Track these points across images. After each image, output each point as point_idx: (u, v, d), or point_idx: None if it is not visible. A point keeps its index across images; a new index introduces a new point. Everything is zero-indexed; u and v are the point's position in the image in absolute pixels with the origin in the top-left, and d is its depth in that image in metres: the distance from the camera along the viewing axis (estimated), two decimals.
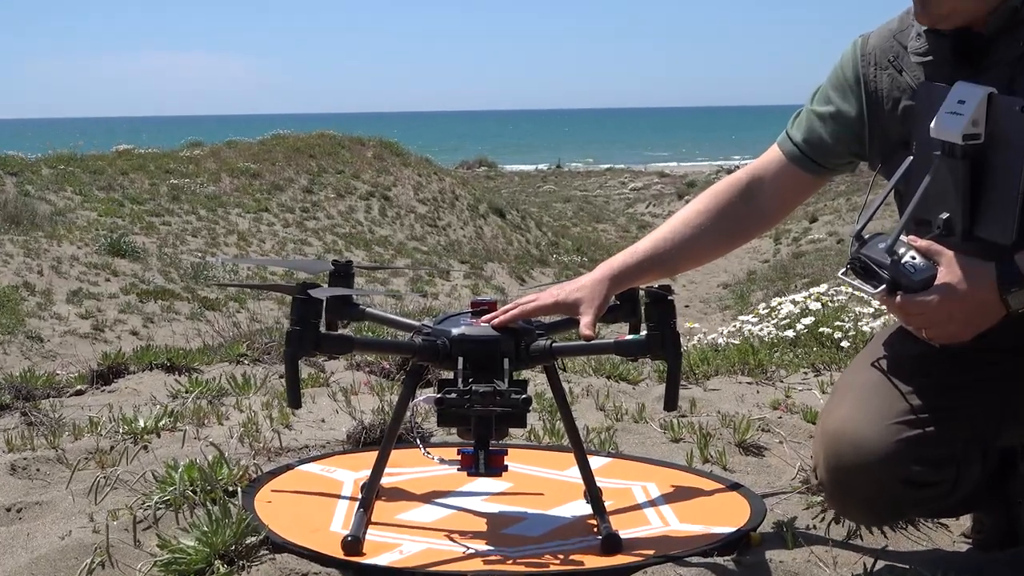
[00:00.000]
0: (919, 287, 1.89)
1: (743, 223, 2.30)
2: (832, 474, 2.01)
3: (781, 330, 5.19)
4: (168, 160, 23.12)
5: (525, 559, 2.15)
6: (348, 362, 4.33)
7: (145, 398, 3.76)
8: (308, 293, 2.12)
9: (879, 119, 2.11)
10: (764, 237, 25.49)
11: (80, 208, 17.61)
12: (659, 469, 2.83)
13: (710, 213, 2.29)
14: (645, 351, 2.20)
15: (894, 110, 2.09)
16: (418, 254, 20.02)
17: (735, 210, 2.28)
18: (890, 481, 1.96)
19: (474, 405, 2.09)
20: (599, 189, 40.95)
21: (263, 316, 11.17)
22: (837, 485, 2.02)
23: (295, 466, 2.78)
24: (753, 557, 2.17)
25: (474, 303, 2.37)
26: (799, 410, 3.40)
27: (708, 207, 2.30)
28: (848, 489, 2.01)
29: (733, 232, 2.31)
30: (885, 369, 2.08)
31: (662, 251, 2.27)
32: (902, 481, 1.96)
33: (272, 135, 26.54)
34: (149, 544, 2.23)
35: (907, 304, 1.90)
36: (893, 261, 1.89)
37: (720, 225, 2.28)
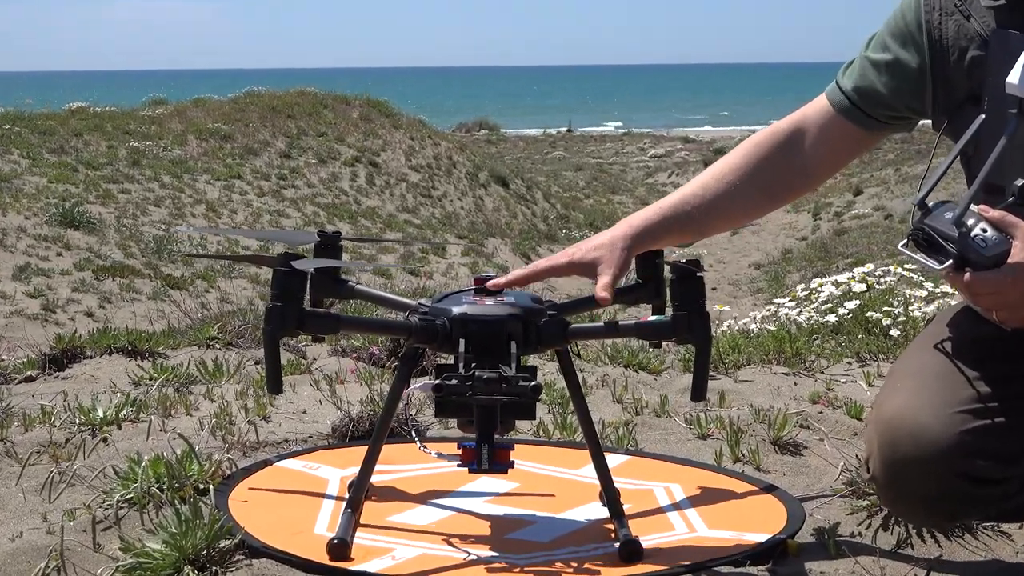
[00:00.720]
0: (990, 263, 1.88)
1: (783, 180, 2.29)
2: (887, 467, 2.02)
3: (822, 315, 5.19)
4: (127, 120, 23.13)
5: (533, 567, 2.16)
6: (333, 347, 4.34)
7: (104, 385, 3.77)
8: (291, 265, 2.12)
9: (943, 71, 2.11)
10: (801, 211, 25.50)
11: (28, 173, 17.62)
12: (684, 469, 2.84)
13: (746, 168, 2.28)
14: (670, 334, 2.21)
15: (960, 61, 2.08)
16: (410, 228, 20.02)
17: (774, 165, 2.27)
18: (951, 476, 1.96)
19: (477, 393, 2.10)
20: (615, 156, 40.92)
21: (235, 296, 11.17)
22: (892, 479, 2.02)
23: (274, 462, 2.79)
24: (790, 567, 2.18)
25: (477, 280, 2.37)
26: (842, 404, 3.41)
27: (744, 161, 2.29)
28: (904, 484, 2.01)
29: (771, 190, 2.30)
30: (949, 352, 2.08)
31: (690, 208, 2.27)
32: (964, 477, 1.97)
33: (245, 92, 26.53)
34: (110, 547, 2.24)
35: (976, 282, 1.89)
36: (961, 234, 1.89)
37: (757, 181, 2.27)
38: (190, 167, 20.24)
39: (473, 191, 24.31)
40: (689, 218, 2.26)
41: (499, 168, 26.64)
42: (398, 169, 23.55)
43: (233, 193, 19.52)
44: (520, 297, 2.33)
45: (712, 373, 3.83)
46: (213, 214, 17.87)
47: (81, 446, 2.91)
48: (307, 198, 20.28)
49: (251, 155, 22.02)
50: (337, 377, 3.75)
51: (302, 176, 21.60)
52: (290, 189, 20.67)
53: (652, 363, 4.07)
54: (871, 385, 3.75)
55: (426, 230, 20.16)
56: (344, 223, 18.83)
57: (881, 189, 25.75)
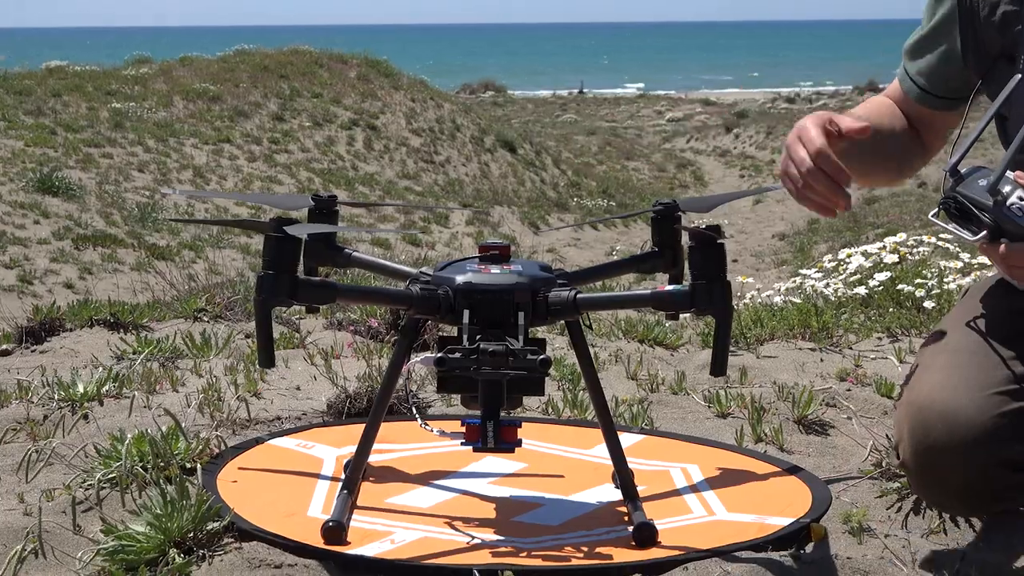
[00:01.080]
0: None
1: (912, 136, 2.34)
2: (918, 453, 2.02)
3: (850, 287, 5.19)
4: (109, 80, 23.10)
5: (541, 551, 2.16)
6: (328, 319, 4.35)
7: (85, 359, 3.78)
8: (284, 230, 2.12)
9: (973, 27, 2.10)
10: None
11: (3, 136, 17.62)
12: (702, 449, 2.84)
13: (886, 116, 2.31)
14: (689, 304, 2.20)
15: (991, 16, 2.07)
16: (411, 195, 20.02)
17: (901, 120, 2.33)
18: (987, 462, 1.96)
19: (482, 367, 2.10)
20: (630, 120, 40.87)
21: (224, 267, 11.18)
22: (924, 466, 2.02)
23: (265, 440, 2.80)
24: (815, 553, 2.18)
25: (483, 247, 2.37)
26: (871, 381, 3.41)
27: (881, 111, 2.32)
28: (936, 471, 2.01)
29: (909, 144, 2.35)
30: (982, 330, 2.07)
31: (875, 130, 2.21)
32: (1001, 463, 1.96)
33: (235, 51, 26.49)
34: (91, 529, 2.25)
35: (1013, 254, 1.88)
36: (996, 202, 1.88)
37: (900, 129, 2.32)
38: (176, 130, 20.23)
39: (478, 156, 24.29)
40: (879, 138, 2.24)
41: (506, 132, 26.60)
42: (398, 133, 23.53)
43: (222, 158, 19.51)
44: (528, 266, 2.33)
45: (733, 348, 3.84)
46: (201, 180, 17.88)
47: (60, 423, 2.92)
48: (301, 163, 20.27)
49: (241, 117, 22.00)
50: (333, 351, 3.76)
51: (296, 140, 21.58)
52: (283, 154, 20.66)
53: (669, 337, 4.07)
54: (902, 361, 3.74)
55: (428, 198, 20.15)
56: (341, 190, 18.83)
57: None
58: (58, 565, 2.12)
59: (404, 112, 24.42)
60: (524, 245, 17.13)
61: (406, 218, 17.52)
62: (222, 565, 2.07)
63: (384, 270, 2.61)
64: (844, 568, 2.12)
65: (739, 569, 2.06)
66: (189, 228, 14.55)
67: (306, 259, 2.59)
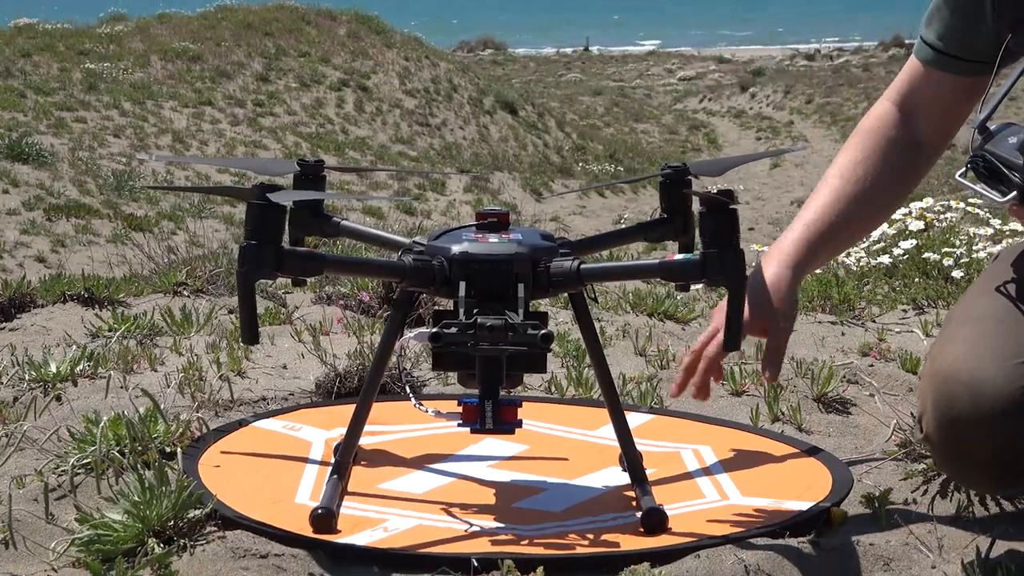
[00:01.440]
0: None
1: (911, 158, 2.37)
2: (942, 426, 2.02)
3: (873, 256, 5.19)
4: (82, 39, 23.07)
5: (544, 539, 2.17)
6: (316, 293, 4.35)
7: (57, 337, 3.78)
8: (268, 198, 2.12)
9: None
10: None
11: None
12: (715, 429, 2.84)
13: (871, 156, 2.39)
14: (699, 275, 2.20)
15: None
16: (405, 161, 20.00)
17: (898, 144, 2.36)
18: (1015, 434, 1.96)
19: (480, 343, 2.10)
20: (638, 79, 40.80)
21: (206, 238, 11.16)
22: (948, 439, 2.03)
23: (250, 422, 2.80)
24: (835, 539, 2.18)
25: (480, 215, 2.37)
26: (895, 356, 3.41)
27: (865, 151, 2.38)
28: (961, 444, 2.02)
29: (903, 172, 2.38)
30: (1012, 295, 2.07)
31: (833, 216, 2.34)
32: None
33: (217, 6, 26.46)
34: (65, 518, 2.25)
35: None
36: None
37: (887, 166, 2.35)
38: (154, 92, 20.21)
39: (477, 119, 24.25)
40: (835, 232, 2.35)
41: (506, 93, 26.56)
42: (391, 94, 23.49)
43: (203, 122, 19.49)
44: (529, 234, 2.32)
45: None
46: (180, 145, 17.86)
47: (31, 405, 2.92)
48: (287, 127, 20.26)
49: (223, 78, 21.96)
50: (321, 327, 3.76)
51: (281, 102, 21.55)
52: (268, 117, 20.64)
53: (679, 311, 4.07)
54: (928, 335, 3.75)
55: (423, 163, 20.13)
56: (330, 155, 18.82)
57: None
58: (30, 556, 2.13)
59: (397, 72, 24.37)
60: (526, 213, 17.13)
61: (400, 185, 17.51)
62: (204, 555, 2.07)
63: (375, 240, 2.61)
64: (866, 555, 2.13)
65: (754, 556, 2.07)
66: (168, 197, 14.55)
67: (292, 229, 2.58)
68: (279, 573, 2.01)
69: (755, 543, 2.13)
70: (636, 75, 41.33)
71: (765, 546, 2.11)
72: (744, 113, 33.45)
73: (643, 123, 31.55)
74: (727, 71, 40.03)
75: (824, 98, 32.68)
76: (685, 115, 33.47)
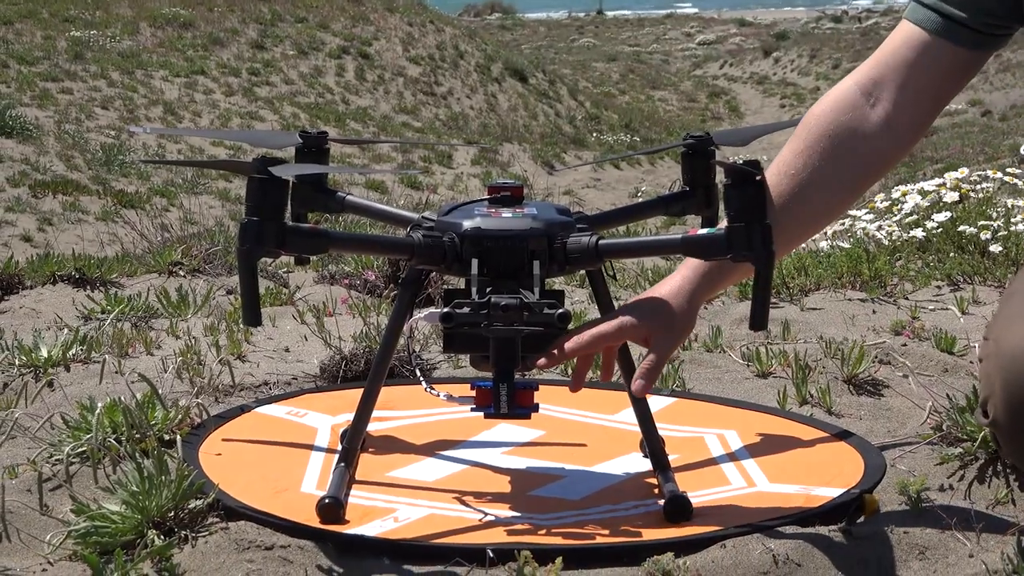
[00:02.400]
0: None
1: (871, 151, 2.23)
2: (1013, 410, 2.00)
3: (906, 230, 5.19)
4: (67, 4, 23.04)
5: (562, 528, 2.17)
6: (319, 272, 4.36)
7: (48, 320, 3.80)
8: (270, 171, 2.12)
9: None
10: None
11: None
12: (741, 412, 2.85)
13: (817, 148, 2.20)
14: (725, 250, 2.19)
15: None
16: (409, 132, 19.98)
17: (854, 133, 2.20)
18: None
19: (493, 323, 2.10)
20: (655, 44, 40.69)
21: (201, 215, 11.20)
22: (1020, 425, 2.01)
23: (252, 408, 2.81)
24: (868, 527, 2.19)
25: (492, 188, 2.37)
26: (930, 335, 3.41)
27: (811, 141, 2.22)
28: None
29: (856, 169, 2.24)
30: None
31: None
32: None
33: None
34: (60, 509, 2.26)
35: None
36: None
37: (835, 162, 2.21)
38: (143, 61, 20.19)
39: (485, 87, 24.21)
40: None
41: (515, 59, 26.51)
42: (394, 61, 23.46)
43: (196, 92, 19.48)
44: (544, 208, 2.33)
45: (774, 299, 3.84)
46: (172, 117, 17.85)
47: (22, 391, 2.93)
48: (284, 97, 20.24)
49: (216, 46, 21.93)
50: (325, 308, 3.77)
51: (278, 71, 21.53)
52: (264, 87, 20.62)
53: None
54: (965, 312, 3.75)
55: (428, 134, 20.11)
56: (330, 126, 18.80)
57: (979, 80, 25.55)
58: (24, 549, 2.14)
59: (400, 38, 24.33)
60: (537, 187, 17.12)
61: (404, 158, 17.50)
62: (207, 547, 2.08)
63: (382, 215, 2.61)
64: (901, 544, 2.13)
65: (783, 546, 2.07)
66: (160, 172, 14.55)
67: (293, 204, 2.59)
68: (285, 565, 2.02)
69: (783, 531, 2.13)
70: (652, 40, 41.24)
71: (794, 535, 2.12)
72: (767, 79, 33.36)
73: (660, 90, 31.49)
74: (749, 34, 39.93)
75: (852, 63, 32.56)
76: (705, 82, 33.40)
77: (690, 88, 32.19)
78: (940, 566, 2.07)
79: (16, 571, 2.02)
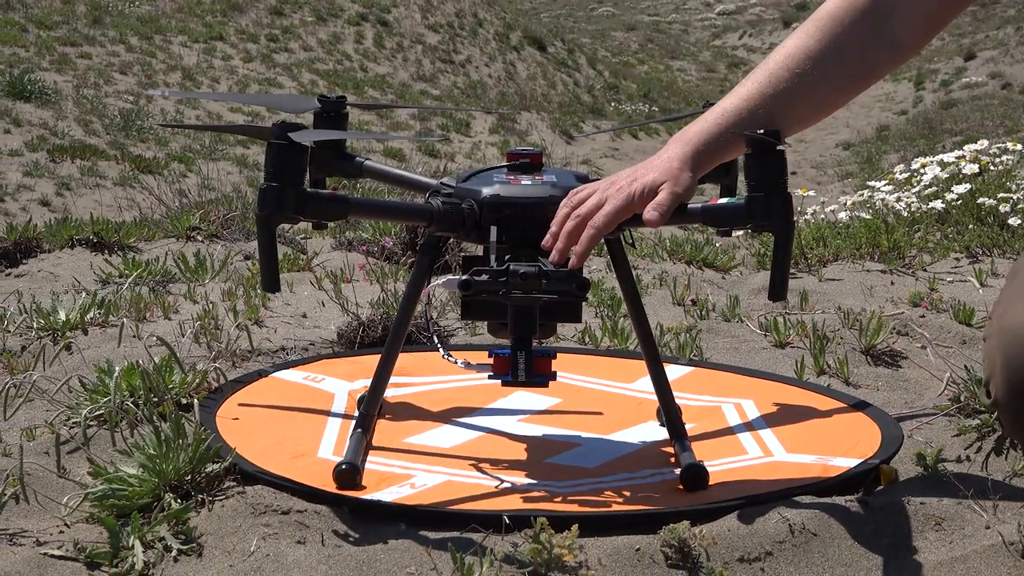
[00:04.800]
0: None
1: (870, 57, 2.23)
2: (1014, 389, 1.99)
3: (925, 201, 5.17)
4: None
5: (578, 496, 2.18)
6: (337, 239, 4.36)
7: (66, 284, 3.80)
8: (289, 137, 2.12)
9: None
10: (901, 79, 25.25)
11: None
12: (758, 382, 2.85)
13: (826, 49, 2.22)
14: (745, 219, 2.19)
15: None
16: (427, 100, 19.95)
17: (858, 40, 2.21)
18: None
19: (512, 291, 2.10)
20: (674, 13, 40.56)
21: (219, 181, 11.21)
22: (1021, 404, 2.01)
23: (269, 373, 2.82)
24: (884, 497, 2.19)
25: (511, 155, 2.37)
26: (948, 307, 3.41)
27: (821, 41, 2.23)
28: None
29: (856, 72, 2.24)
30: None
31: (759, 110, 2.22)
32: None
33: None
34: (77, 472, 2.27)
35: None
36: None
37: (840, 64, 2.22)
38: (162, 26, 20.18)
39: (503, 55, 24.16)
40: (758, 122, 2.20)
41: (534, 28, 26.45)
42: (412, 29, 23.42)
43: (214, 58, 19.47)
44: (563, 176, 2.32)
45: (793, 270, 3.84)
46: (191, 83, 17.86)
47: (40, 354, 2.94)
48: (303, 64, 20.23)
49: (235, 11, 21.91)
50: (343, 274, 3.77)
51: (297, 37, 21.50)
52: (282, 53, 20.60)
53: (720, 258, 4.07)
54: (983, 284, 3.74)
55: (447, 102, 20.08)
56: (348, 93, 18.78)
57: (999, 52, 25.44)
58: (41, 512, 2.15)
59: (419, 5, 24.28)
60: (555, 156, 17.11)
61: (422, 125, 17.49)
62: (223, 511, 2.08)
63: (401, 181, 2.61)
64: (917, 514, 2.13)
65: (799, 515, 2.07)
66: (178, 138, 14.56)
67: (312, 169, 2.59)
68: (301, 530, 2.02)
69: (800, 501, 2.13)
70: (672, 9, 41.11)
71: (810, 504, 2.12)
72: None
73: (679, 60, 31.40)
74: (769, 4, 39.75)
75: None
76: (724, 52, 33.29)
77: (709, 59, 32.10)
78: (956, 537, 2.06)
79: (33, 533, 2.02)
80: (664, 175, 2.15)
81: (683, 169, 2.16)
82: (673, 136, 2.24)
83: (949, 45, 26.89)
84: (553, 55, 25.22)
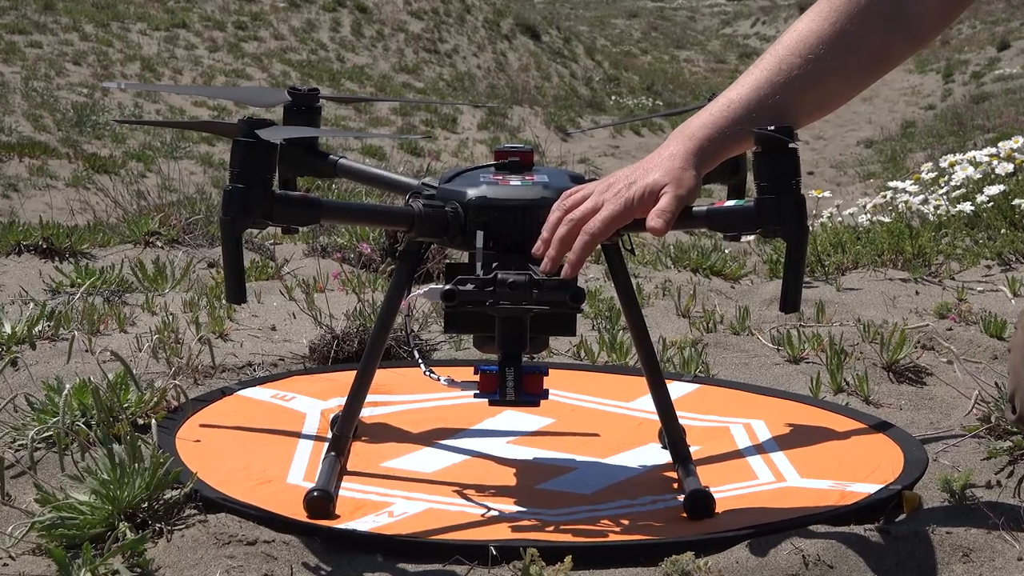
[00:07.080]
0: None
1: (885, 44, 2.24)
2: None
3: (953, 203, 5.18)
4: None
5: (572, 525, 2.18)
6: (309, 245, 4.36)
7: (12, 294, 3.80)
8: (257, 134, 2.12)
9: None
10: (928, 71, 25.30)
11: None
12: (770, 401, 2.85)
13: (836, 33, 2.23)
14: (754, 224, 2.19)
15: None
16: (410, 93, 19.97)
17: (874, 23, 2.22)
18: None
19: (500, 301, 2.10)
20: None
21: (181, 182, 11.21)
22: None
23: (234, 391, 2.82)
24: (907, 527, 2.19)
25: (499, 153, 2.37)
26: (978, 319, 3.41)
27: (833, 24, 2.24)
28: None
29: (871, 59, 2.24)
30: None
31: (768, 100, 2.22)
32: None
33: None
34: (23, 499, 2.27)
35: None
36: None
37: (853, 50, 2.22)
38: (120, 13, 20.19)
39: (493, 45, 24.19)
40: (767, 113, 2.20)
41: (527, 14, 26.48)
42: (394, 15, 23.43)
43: (176, 47, 19.47)
44: (555, 176, 2.33)
45: (808, 278, 3.84)
46: (151, 74, 17.86)
47: None
48: (274, 54, 20.23)
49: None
50: (316, 283, 3.78)
51: (267, 25, 21.52)
52: (251, 42, 20.61)
53: (728, 266, 4.08)
54: (1016, 294, 3.75)
55: (431, 95, 20.10)
56: (324, 86, 18.79)
57: None
58: None
59: None
60: (550, 154, 17.11)
61: (404, 121, 17.50)
62: (183, 541, 2.08)
63: (379, 181, 2.61)
64: (943, 545, 2.13)
65: (814, 546, 2.08)
66: (137, 135, 14.56)
67: (282, 168, 2.59)
68: (268, 562, 2.02)
69: (814, 531, 2.13)
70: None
71: (826, 534, 2.12)
72: None
73: (686, 50, 31.44)
74: None
75: None
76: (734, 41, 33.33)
77: (718, 48, 32.15)
78: (986, 569, 2.07)
79: None
80: (665, 176, 2.13)
81: (686, 168, 2.14)
82: (674, 130, 2.24)
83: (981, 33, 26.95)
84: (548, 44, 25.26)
